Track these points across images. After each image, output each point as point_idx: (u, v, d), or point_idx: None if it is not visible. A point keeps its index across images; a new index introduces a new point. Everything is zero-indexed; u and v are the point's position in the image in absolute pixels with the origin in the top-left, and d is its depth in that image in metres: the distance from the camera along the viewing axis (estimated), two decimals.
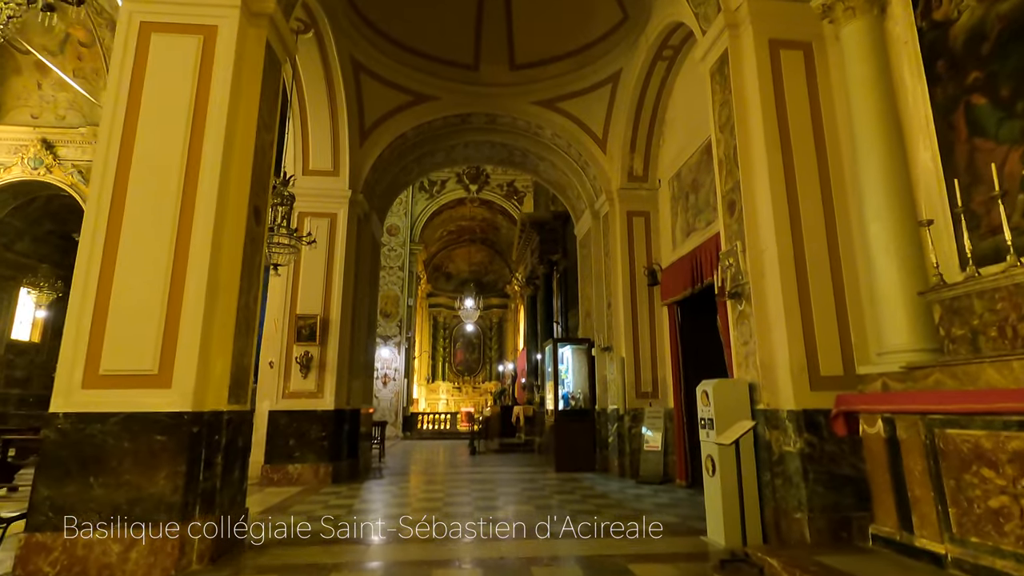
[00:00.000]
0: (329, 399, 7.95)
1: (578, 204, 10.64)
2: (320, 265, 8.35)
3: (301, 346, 8.03)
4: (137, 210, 3.97)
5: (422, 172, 10.78)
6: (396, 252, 18.57)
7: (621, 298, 8.79)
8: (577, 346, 9.88)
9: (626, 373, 8.49)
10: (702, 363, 7.43)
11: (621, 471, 8.33)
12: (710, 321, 7.37)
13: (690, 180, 7.83)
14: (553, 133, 9.62)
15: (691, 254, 7.27)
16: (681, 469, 7.33)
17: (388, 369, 17.67)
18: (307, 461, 7.70)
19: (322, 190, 8.62)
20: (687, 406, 7.40)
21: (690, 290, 7.14)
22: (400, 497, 6.88)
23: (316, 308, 8.19)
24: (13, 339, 13.79)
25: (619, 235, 9.01)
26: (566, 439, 9.20)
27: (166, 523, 3.54)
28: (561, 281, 13.34)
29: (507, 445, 13.22)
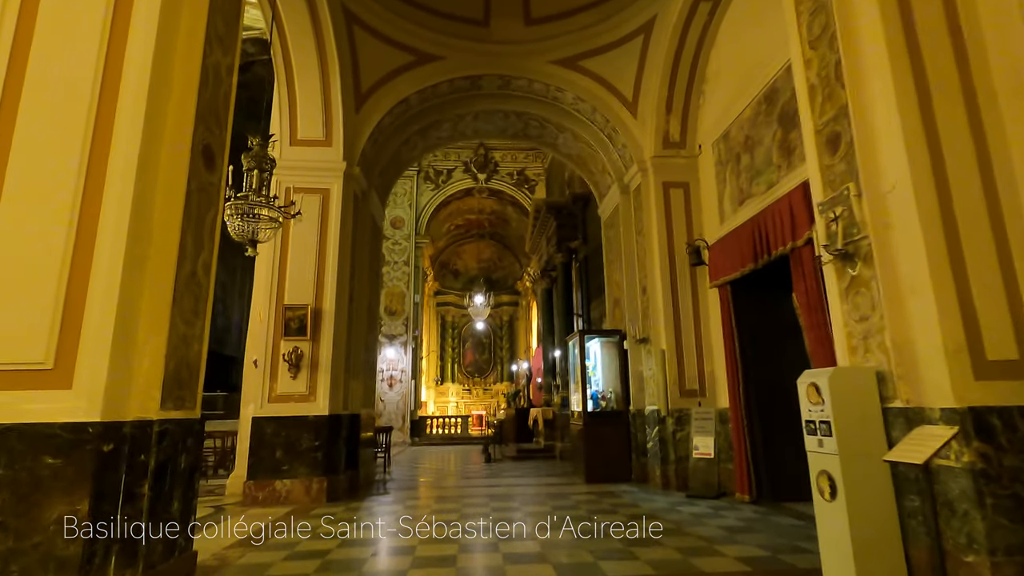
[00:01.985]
0: (322, 403, 6.80)
1: (603, 180, 9.46)
2: (311, 247, 7.22)
3: (289, 341, 6.90)
4: (30, 139, 2.84)
5: (428, 147, 9.64)
6: (401, 246, 17.46)
7: (659, 281, 7.60)
8: (607, 339, 8.69)
9: (667, 368, 7.29)
10: (764, 353, 6.25)
11: (664, 482, 7.13)
12: (775, 302, 6.19)
13: (742, 139, 6.63)
14: (575, 97, 8.45)
15: (750, 223, 6.07)
16: (742, 481, 6.11)
17: (394, 370, 16.54)
18: (297, 476, 6.56)
19: (313, 162, 7.49)
20: (747, 404, 6.19)
21: (751, 266, 5.94)
22: (407, 521, 5.73)
23: (307, 297, 7.05)
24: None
25: (654, 209, 7.82)
26: (597, 445, 8.01)
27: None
28: (581, 270, 12.16)
29: (525, 451, 12.04)
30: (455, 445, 16.39)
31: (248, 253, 5.48)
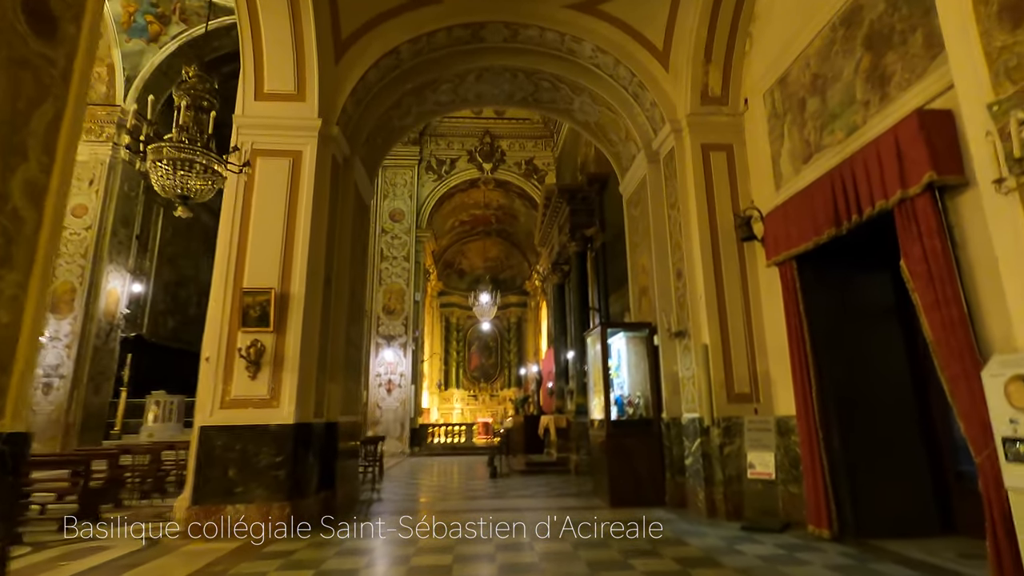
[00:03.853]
0: (288, 409, 5.52)
1: (625, 151, 8.15)
2: (277, 220, 5.96)
3: (248, 333, 5.63)
4: None
5: (423, 114, 8.37)
6: (401, 240, 16.21)
7: (699, 263, 6.28)
8: (633, 333, 7.34)
9: (712, 367, 5.95)
10: (845, 346, 4.92)
11: (710, 508, 5.76)
12: (863, 278, 4.87)
13: (807, 80, 5.32)
14: (594, 48, 7.15)
15: (825, 180, 4.73)
16: (817, 510, 4.74)
17: (393, 374, 15.25)
18: (254, 500, 5.26)
19: (282, 120, 6.25)
20: (823, 412, 4.83)
21: (830, 232, 4.58)
22: (389, 560, 4.43)
23: (270, 280, 5.78)
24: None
25: (691, 177, 6.51)
26: (623, 460, 6.67)
27: None
28: (598, 261, 10.84)
29: (535, 464, 10.68)
30: (458, 456, 15.04)
31: (177, 213, 4.22)
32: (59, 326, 15.03)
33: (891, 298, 5.03)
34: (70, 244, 15.60)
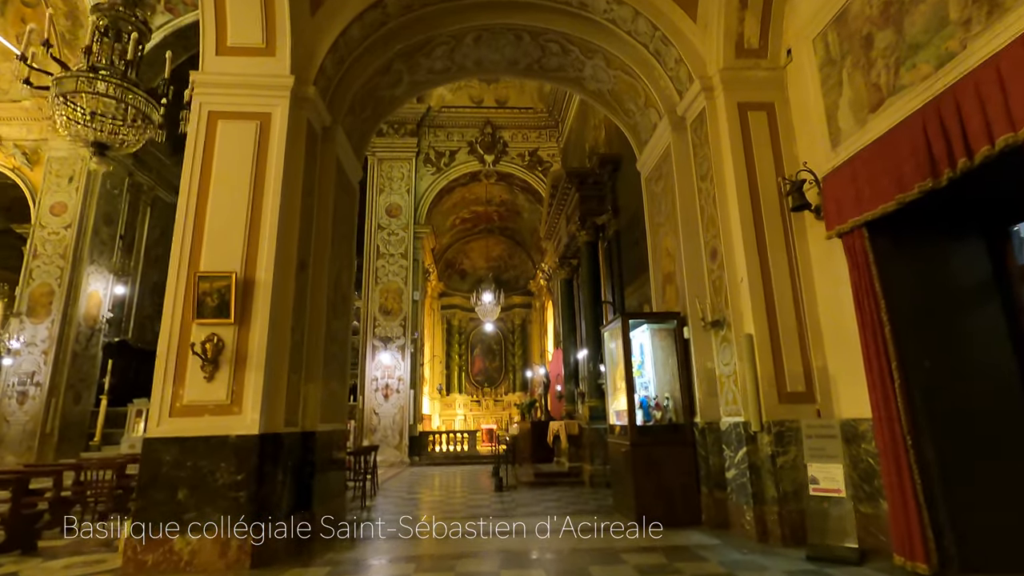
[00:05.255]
0: (251, 416, 4.58)
1: (644, 121, 7.22)
2: (240, 193, 5.04)
3: (205, 326, 4.70)
4: None
5: (416, 84, 7.45)
6: (398, 236, 15.30)
7: (739, 239, 5.33)
8: (659, 325, 6.37)
9: (759, 362, 4.99)
10: (940, 335, 3.95)
11: (760, 531, 4.79)
12: (954, 248, 3.92)
13: (875, 12, 4.37)
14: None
15: (917, 119, 3.78)
16: (909, 537, 3.76)
17: (390, 378, 14.30)
18: (208, 528, 4.32)
19: (248, 77, 5.34)
20: (911, 416, 3.87)
21: (924, 184, 3.62)
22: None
23: (232, 263, 4.86)
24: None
25: (728, 140, 5.58)
26: (650, 472, 5.70)
27: None
28: (610, 251, 9.90)
29: (545, 475, 9.69)
30: (461, 465, 14.06)
31: (93, 165, 3.31)
32: (35, 331, 14.14)
33: (987, 270, 4.08)
34: (48, 244, 14.73)
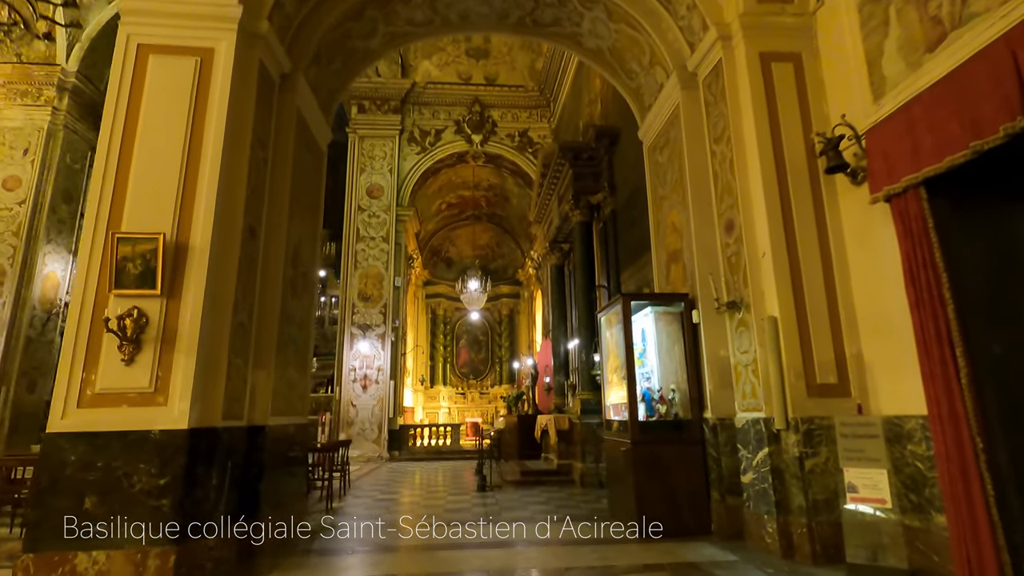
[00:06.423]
0: (179, 407, 3.77)
1: (650, 80, 6.46)
2: (174, 141, 4.20)
3: (124, 297, 3.87)
4: None
5: (393, 36, 6.60)
6: (379, 219, 14.45)
7: (762, 207, 4.61)
8: (664, 308, 5.64)
9: (784, 349, 4.28)
10: (1009, 312, 3.24)
11: (785, 545, 4.10)
12: None
13: None
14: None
15: (1001, 47, 3.07)
16: (979, 560, 3.06)
17: (369, 369, 13.49)
18: (122, 544, 3.51)
19: (186, 6, 4.48)
20: (980, 414, 3.17)
21: (1010, 125, 2.92)
22: None
23: (160, 223, 4.03)
24: None
25: (749, 95, 4.84)
26: (653, 475, 4.99)
27: None
28: (606, 232, 9.16)
29: (532, 473, 8.98)
30: (443, 460, 13.32)
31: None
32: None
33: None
34: (0, 221, 13.70)
